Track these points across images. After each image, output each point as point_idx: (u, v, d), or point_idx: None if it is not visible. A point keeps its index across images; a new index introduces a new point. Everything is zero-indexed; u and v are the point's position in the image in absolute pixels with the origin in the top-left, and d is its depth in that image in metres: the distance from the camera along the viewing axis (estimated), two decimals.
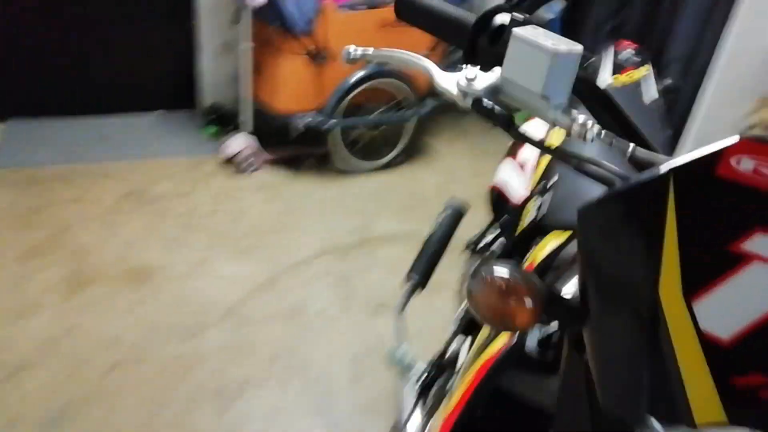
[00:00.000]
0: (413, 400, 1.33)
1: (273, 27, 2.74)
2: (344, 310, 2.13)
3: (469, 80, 0.61)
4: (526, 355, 0.60)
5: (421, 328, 1.60)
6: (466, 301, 1.25)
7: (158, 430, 1.61)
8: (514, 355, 0.61)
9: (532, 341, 0.61)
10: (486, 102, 0.63)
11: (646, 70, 1.39)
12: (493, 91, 0.61)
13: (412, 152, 3.20)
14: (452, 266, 1.56)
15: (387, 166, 3.10)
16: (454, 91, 0.65)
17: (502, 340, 0.65)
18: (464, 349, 1.04)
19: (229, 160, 2.96)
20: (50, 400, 1.67)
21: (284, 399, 1.75)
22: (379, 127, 3.04)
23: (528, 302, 0.52)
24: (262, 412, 1.71)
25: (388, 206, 2.80)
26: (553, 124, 0.57)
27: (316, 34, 2.73)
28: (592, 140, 0.52)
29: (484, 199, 1.52)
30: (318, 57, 2.76)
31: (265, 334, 1.99)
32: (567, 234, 0.91)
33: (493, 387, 0.61)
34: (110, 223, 2.47)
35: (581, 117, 0.53)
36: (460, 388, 0.62)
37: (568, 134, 0.54)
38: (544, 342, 0.61)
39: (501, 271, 0.54)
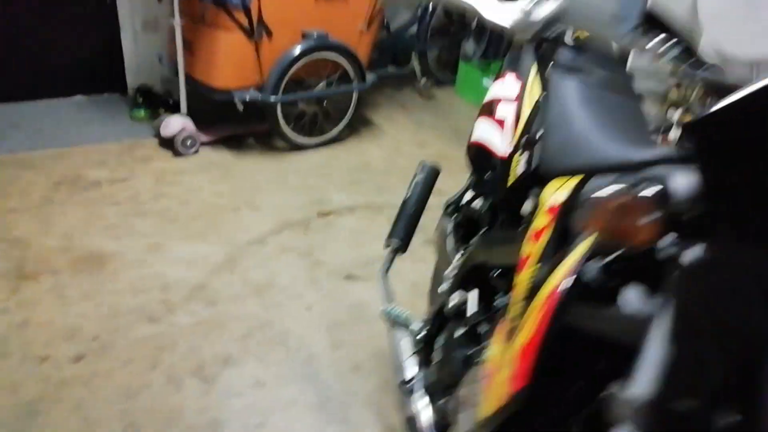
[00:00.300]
0: (415, 355, 1.37)
1: (204, 2, 2.63)
2: (312, 282, 2.12)
3: (535, 3, 0.63)
4: (588, 287, 0.62)
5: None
6: (459, 257, 1.29)
7: (139, 416, 1.54)
8: (577, 287, 0.62)
9: (591, 272, 0.62)
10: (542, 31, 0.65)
11: None
12: (558, 16, 0.63)
13: (355, 127, 3.21)
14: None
15: (332, 141, 3.09)
16: (508, 24, 0.66)
17: (560, 275, 0.65)
18: (472, 301, 1.08)
19: (166, 143, 2.83)
20: (14, 400, 1.54)
21: (267, 371, 1.73)
22: (322, 102, 3.02)
23: (650, 218, 0.53)
24: (246, 385, 1.67)
25: (337, 179, 2.80)
26: (626, 46, 0.59)
27: (250, 8, 2.65)
28: (670, 59, 0.54)
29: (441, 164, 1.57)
30: (254, 32, 2.69)
31: (236, 311, 1.94)
32: (570, 179, 0.92)
33: (565, 320, 0.62)
34: (45, 215, 2.30)
35: (661, 35, 0.55)
36: (525, 329, 0.63)
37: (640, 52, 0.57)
38: (603, 271, 0.62)
39: (617, 192, 0.55)
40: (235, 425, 1.55)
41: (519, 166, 1.19)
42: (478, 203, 1.49)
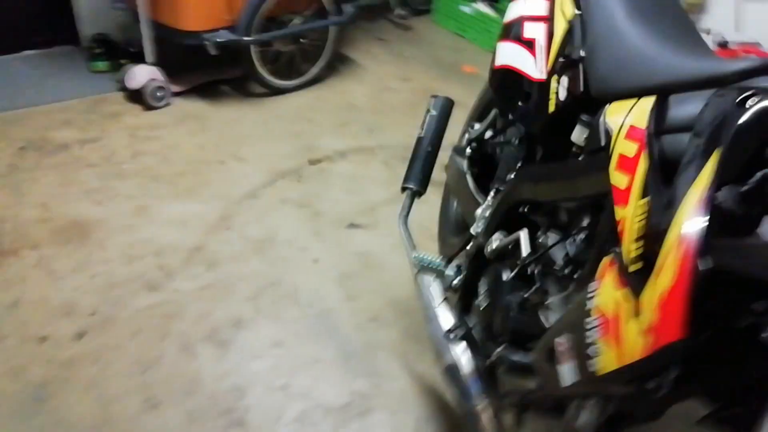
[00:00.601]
0: (446, 302, 1.31)
1: None
2: (315, 234, 2.02)
3: None
4: (728, 218, 0.55)
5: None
6: (493, 196, 1.20)
7: (157, 388, 1.46)
8: (716, 220, 0.54)
9: (728, 201, 0.55)
10: None
11: None
12: None
13: (334, 66, 3.03)
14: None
15: (312, 82, 2.91)
16: None
17: (688, 209, 0.57)
18: (525, 241, 1.00)
19: (134, 96, 2.62)
20: (18, 386, 1.44)
21: (283, 330, 1.66)
22: (299, 40, 2.82)
23: None
24: (263, 347, 1.60)
25: (323, 123, 2.66)
26: None
27: None
28: None
29: (422, 100, 1.46)
30: None
31: (240, 271, 1.84)
32: (638, 101, 0.83)
33: (710, 261, 0.55)
34: (14, 185, 2.11)
35: None
36: (662, 275, 0.55)
37: None
38: (743, 198, 0.55)
39: None
40: (259, 389, 1.49)
41: (560, 91, 1.08)
42: (501, 137, 1.39)
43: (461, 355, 1.21)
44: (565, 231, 1.03)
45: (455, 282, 1.24)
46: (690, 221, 0.55)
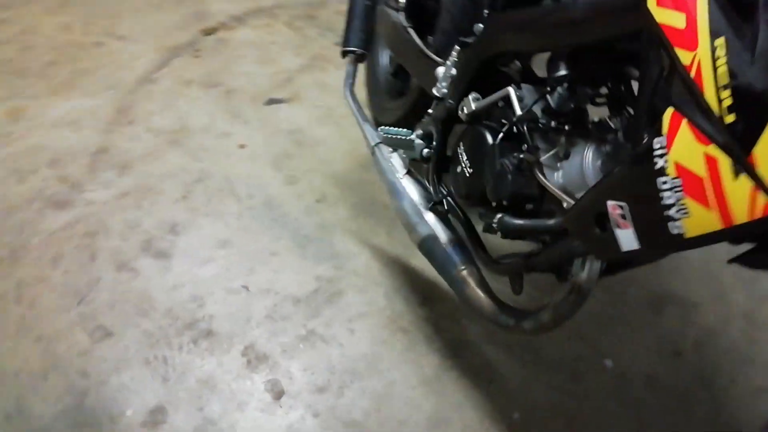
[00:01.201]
0: (418, 169, 1.22)
1: None
2: (233, 115, 1.81)
3: None
4: None
5: None
6: (458, 53, 1.07)
7: (102, 314, 1.31)
8: None
9: None
10: None
11: None
12: None
13: None
14: None
15: None
16: None
17: None
18: (515, 99, 0.90)
19: None
20: None
21: (227, 228, 1.52)
22: None
23: None
24: (210, 248, 1.46)
25: None
26: None
27: None
28: None
29: None
30: None
31: (159, 170, 1.62)
32: None
33: None
34: None
35: None
36: None
37: None
38: None
39: None
40: (218, 294, 1.38)
41: None
42: None
43: (440, 224, 1.16)
44: (542, 82, 0.95)
45: (426, 151, 1.15)
46: None
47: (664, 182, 0.58)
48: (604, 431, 1.30)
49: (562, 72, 0.90)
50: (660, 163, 0.58)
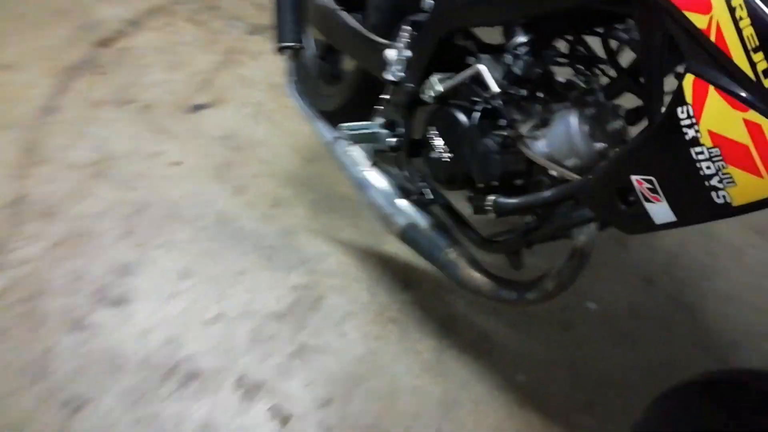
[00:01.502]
0: (376, 165, 1.16)
1: None
2: (156, 131, 1.66)
3: None
4: None
5: None
6: (409, 31, 1.00)
7: (68, 387, 1.17)
8: None
9: None
10: None
11: None
12: None
13: None
14: None
15: None
16: None
17: None
18: (488, 75, 0.85)
19: None
20: None
21: (184, 256, 1.39)
22: None
23: None
24: (172, 283, 1.34)
25: None
26: None
27: None
28: None
29: None
30: None
31: (88, 208, 1.46)
32: None
33: None
34: None
35: None
36: None
37: None
38: None
39: None
40: (194, 329, 1.27)
41: None
42: None
43: (416, 211, 1.12)
44: (499, 50, 0.91)
45: (394, 141, 1.08)
46: None
47: (700, 152, 0.55)
48: (607, 371, 1.34)
49: (523, 38, 0.87)
50: (690, 133, 0.55)
